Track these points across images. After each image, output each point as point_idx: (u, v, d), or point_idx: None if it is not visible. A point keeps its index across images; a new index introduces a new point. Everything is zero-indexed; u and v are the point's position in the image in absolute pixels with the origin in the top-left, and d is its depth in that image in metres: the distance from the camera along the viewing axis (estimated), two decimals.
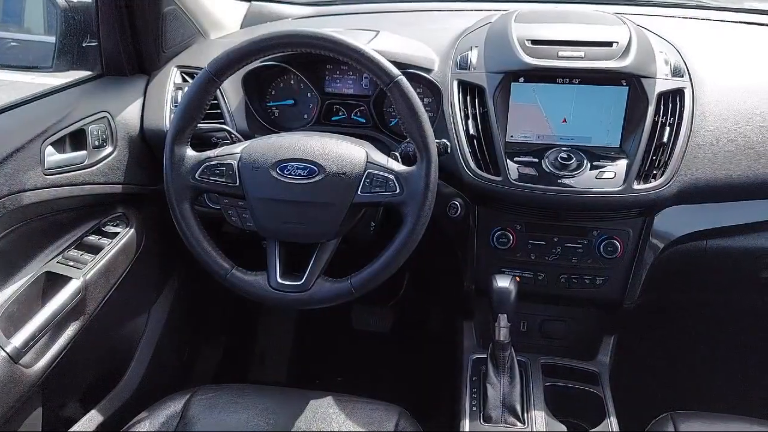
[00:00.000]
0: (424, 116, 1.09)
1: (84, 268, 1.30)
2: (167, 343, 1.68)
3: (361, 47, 1.09)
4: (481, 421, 1.22)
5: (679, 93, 1.24)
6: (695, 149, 1.22)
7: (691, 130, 1.23)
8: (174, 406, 1.21)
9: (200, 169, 1.13)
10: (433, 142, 1.09)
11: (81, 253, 1.34)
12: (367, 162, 1.10)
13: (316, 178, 1.09)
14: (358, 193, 1.09)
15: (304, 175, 1.10)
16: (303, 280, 1.13)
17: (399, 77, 1.08)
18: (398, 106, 1.09)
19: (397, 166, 1.11)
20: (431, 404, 1.57)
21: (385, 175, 1.09)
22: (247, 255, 1.29)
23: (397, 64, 1.18)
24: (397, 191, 1.09)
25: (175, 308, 1.71)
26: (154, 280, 1.64)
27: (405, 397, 1.35)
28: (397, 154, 1.20)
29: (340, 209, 1.10)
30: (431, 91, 1.36)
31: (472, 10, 1.63)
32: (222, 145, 1.22)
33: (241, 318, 2.08)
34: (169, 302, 1.69)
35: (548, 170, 1.23)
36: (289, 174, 1.10)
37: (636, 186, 1.20)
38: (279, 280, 1.13)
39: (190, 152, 1.14)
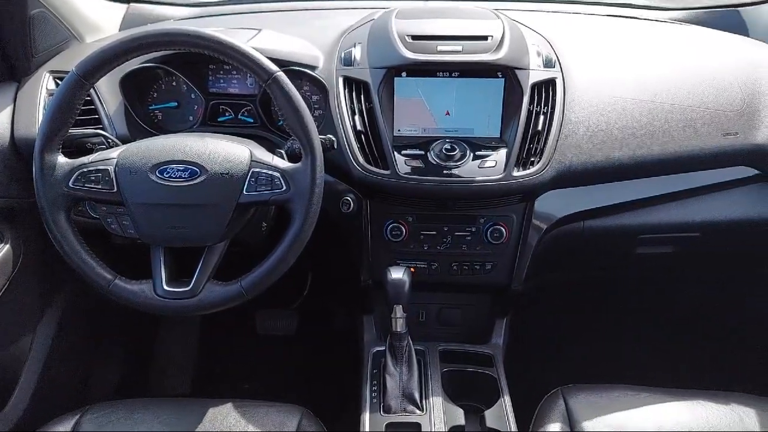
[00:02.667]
0: (306, 112, 1.08)
1: None
2: (58, 361, 1.60)
3: (237, 44, 1.07)
4: (381, 412, 1.24)
5: (551, 83, 1.30)
6: (567, 136, 1.29)
7: (563, 118, 1.29)
8: (63, 427, 1.16)
9: (74, 177, 1.07)
10: (317, 138, 1.09)
11: None
12: (251, 161, 1.09)
13: (198, 180, 1.07)
14: (244, 192, 1.08)
15: (185, 177, 1.07)
16: (191, 286, 1.10)
17: (277, 73, 1.07)
18: (279, 103, 1.08)
19: (283, 164, 1.10)
20: (338, 402, 1.57)
21: (271, 173, 1.08)
22: (140, 264, 1.25)
23: (280, 62, 1.18)
24: (284, 189, 1.08)
25: (65, 324, 1.62)
26: (39, 297, 1.55)
27: (313, 398, 1.35)
28: (282, 151, 1.19)
29: (226, 210, 1.08)
30: (318, 88, 1.36)
31: (357, 8, 1.64)
32: (98, 151, 1.17)
33: (141, 330, 2.00)
34: (57, 319, 1.60)
35: (434, 162, 1.27)
36: (170, 176, 1.07)
37: (515, 173, 1.25)
38: (165, 287, 1.10)
39: (62, 159, 1.09)
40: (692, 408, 1.21)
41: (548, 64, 1.32)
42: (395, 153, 1.27)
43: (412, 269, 1.34)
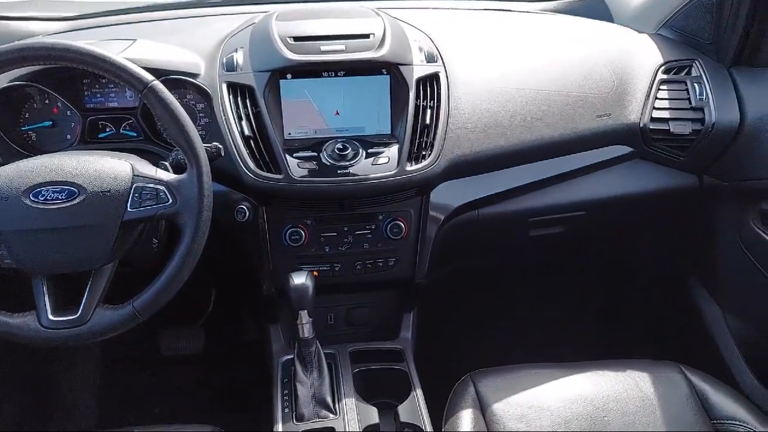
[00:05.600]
0: (187, 120, 1.05)
1: None
2: None
3: (108, 55, 1.03)
4: (294, 421, 1.22)
5: (435, 77, 1.32)
6: (455, 128, 1.32)
7: (449, 110, 1.32)
8: None
9: None
10: (200, 146, 1.06)
11: None
12: (133, 175, 1.04)
13: (77, 200, 1.01)
14: (128, 209, 1.03)
15: (62, 199, 1.01)
16: (79, 313, 1.03)
17: (152, 82, 1.03)
18: (157, 113, 1.05)
19: (167, 176, 1.06)
20: (251, 416, 1.54)
21: (155, 186, 1.04)
22: (24, 295, 1.16)
23: (158, 71, 1.15)
24: (170, 202, 1.04)
25: None
26: None
27: (226, 415, 1.31)
28: (167, 163, 1.14)
29: (110, 230, 1.03)
30: (202, 96, 1.32)
31: (237, 14, 1.61)
32: None
33: (37, 364, 1.87)
34: None
35: (328, 163, 1.26)
36: (45, 199, 1.01)
37: (408, 168, 1.26)
38: (51, 317, 1.03)
39: None
40: (593, 378, 1.27)
41: (430, 59, 1.34)
42: (287, 156, 1.25)
43: (314, 273, 1.33)
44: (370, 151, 1.28)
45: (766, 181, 1.40)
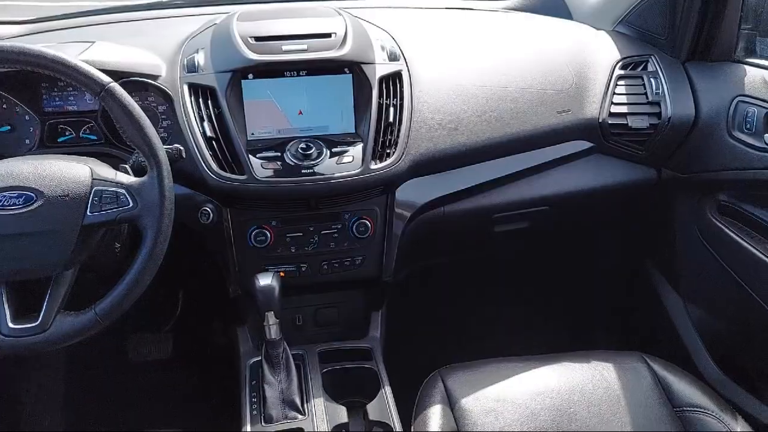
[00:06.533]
0: (146, 122, 1.04)
1: None
2: None
3: (63, 57, 1.01)
4: (262, 423, 1.21)
5: (397, 76, 1.33)
6: (419, 125, 1.33)
7: (412, 108, 1.33)
8: None
9: None
10: (160, 148, 1.05)
11: None
12: (92, 179, 1.03)
13: (35, 205, 0.99)
14: (88, 213, 1.01)
15: (20, 204, 0.99)
16: (40, 320, 1.02)
17: (110, 84, 1.02)
18: (115, 115, 1.03)
19: (127, 179, 1.05)
20: (220, 420, 1.52)
21: (115, 189, 1.03)
22: None
23: (118, 73, 1.14)
24: (130, 205, 1.03)
25: None
26: None
27: (194, 419, 1.29)
28: (127, 166, 1.13)
29: (69, 235, 1.01)
30: (163, 97, 1.31)
31: (200, 15, 1.60)
32: None
33: (2, 371, 1.83)
34: None
35: (292, 163, 1.26)
36: (3, 205, 0.99)
37: (373, 166, 1.27)
38: (11, 325, 1.01)
39: None
40: (559, 371, 1.29)
41: (393, 57, 1.35)
42: (250, 157, 1.24)
43: (281, 273, 1.32)
44: (334, 150, 1.28)
45: (721, 173, 1.43)
